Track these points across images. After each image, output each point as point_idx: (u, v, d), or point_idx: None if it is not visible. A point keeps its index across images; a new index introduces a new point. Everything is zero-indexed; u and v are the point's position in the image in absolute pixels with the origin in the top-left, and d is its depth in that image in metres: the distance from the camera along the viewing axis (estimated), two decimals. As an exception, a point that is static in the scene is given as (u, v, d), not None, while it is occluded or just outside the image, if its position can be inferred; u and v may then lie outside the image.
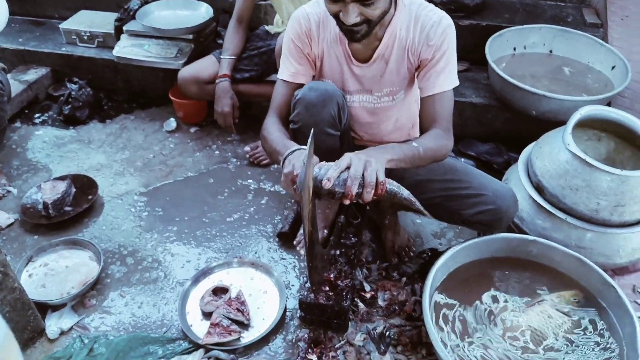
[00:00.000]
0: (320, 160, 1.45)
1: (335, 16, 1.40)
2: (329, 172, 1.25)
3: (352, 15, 1.34)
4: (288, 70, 1.62)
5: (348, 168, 1.26)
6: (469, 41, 2.63)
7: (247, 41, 2.48)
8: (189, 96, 2.54)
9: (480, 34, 2.59)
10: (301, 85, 1.60)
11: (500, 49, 2.51)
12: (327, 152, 1.56)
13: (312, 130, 1.26)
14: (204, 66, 2.46)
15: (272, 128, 1.55)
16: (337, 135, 1.59)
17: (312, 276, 1.56)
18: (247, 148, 2.45)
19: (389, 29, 1.51)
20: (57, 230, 2.08)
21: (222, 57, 2.41)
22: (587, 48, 2.46)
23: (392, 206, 1.90)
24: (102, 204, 2.22)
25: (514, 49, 2.56)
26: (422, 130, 1.61)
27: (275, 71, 2.33)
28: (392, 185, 1.34)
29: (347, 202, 1.25)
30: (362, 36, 1.41)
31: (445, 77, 1.52)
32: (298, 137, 1.51)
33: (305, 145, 1.26)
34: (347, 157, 1.28)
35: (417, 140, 1.46)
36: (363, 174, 1.24)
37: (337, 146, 1.60)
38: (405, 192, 1.36)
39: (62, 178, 2.25)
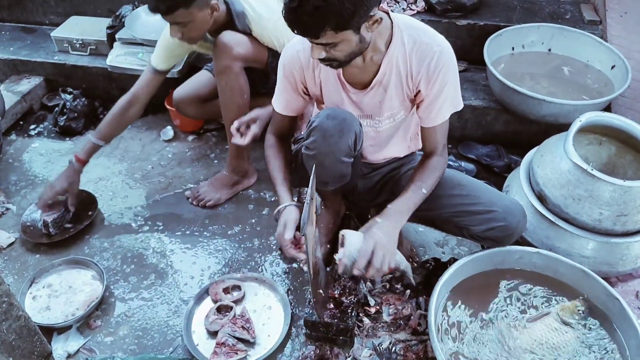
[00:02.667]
0: (327, 184, 1.48)
1: None
2: (358, 262, 1.43)
3: (316, 52, 1.35)
4: (280, 104, 1.67)
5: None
6: (466, 41, 2.61)
7: None
8: (188, 117, 2.46)
9: (478, 34, 2.57)
10: (294, 118, 1.68)
11: (499, 48, 2.48)
12: (339, 178, 1.57)
13: (314, 167, 1.28)
14: (201, 84, 2.35)
15: (271, 151, 1.68)
16: (351, 162, 1.57)
17: (318, 309, 1.59)
18: (187, 193, 2.31)
19: (387, 57, 1.46)
20: (58, 248, 2.08)
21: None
22: (586, 47, 2.43)
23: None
24: (102, 219, 2.21)
25: (513, 48, 2.53)
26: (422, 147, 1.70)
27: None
28: (396, 263, 1.55)
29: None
30: (336, 67, 1.42)
31: (446, 108, 1.53)
32: (310, 163, 1.50)
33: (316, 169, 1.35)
34: (370, 246, 1.43)
35: (423, 179, 1.55)
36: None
37: (349, 171, 1.59)
38: (402, 265, 1.59)
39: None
